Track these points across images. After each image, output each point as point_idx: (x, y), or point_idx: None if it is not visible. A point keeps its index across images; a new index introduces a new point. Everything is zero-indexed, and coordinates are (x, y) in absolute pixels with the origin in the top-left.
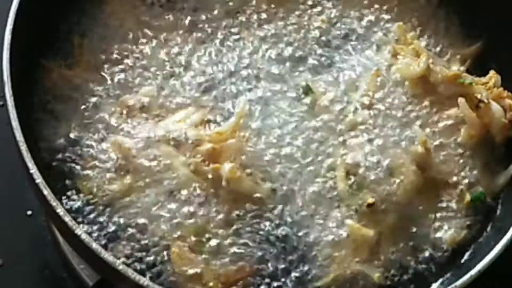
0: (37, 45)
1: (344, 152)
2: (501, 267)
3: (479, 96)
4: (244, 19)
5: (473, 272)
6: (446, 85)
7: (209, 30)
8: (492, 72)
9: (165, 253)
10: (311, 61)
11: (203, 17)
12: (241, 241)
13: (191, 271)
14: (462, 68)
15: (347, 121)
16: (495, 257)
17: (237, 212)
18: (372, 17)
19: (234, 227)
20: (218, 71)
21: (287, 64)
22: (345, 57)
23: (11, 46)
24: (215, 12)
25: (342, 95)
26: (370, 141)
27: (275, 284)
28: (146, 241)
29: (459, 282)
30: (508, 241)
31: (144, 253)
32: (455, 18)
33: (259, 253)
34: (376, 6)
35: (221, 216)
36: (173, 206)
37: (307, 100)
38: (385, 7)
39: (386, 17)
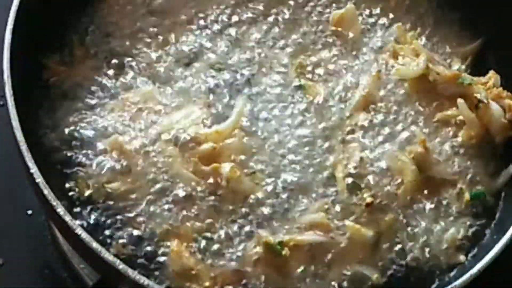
0: (38, 44)
1: (344, 152)
2: (501, 266)
3: (478, 96)
4: (244, 19)
5: (473, 271)
6: (446, 85)
7: (210, 29)
8: (491, 72)
9: (163, 252)
10: (311, 62)
11: (204, 15)
12: (240, 242)
13: (188, 271)
14: (463, 67)
15: (347, 122)
16: (495, 256)
17: (236, 213)
18: (372, 18)
19: (233, 227)
20: (218, 70)
21: (287, 65)
22: (345, 57)
23: (11, 46)
24: (216, 11)
25: (342, 95)
26: (369, 141)
27: None
28: (145, 240)
29: (459, 282)
30: (508, 241)
31: (143, 252)
32: (454, 17)
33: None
34: (376, 6)
35: (220, 216)
36: (172, 205)
37: (307, 100)
38: (384, 8)
39: (386, 17)
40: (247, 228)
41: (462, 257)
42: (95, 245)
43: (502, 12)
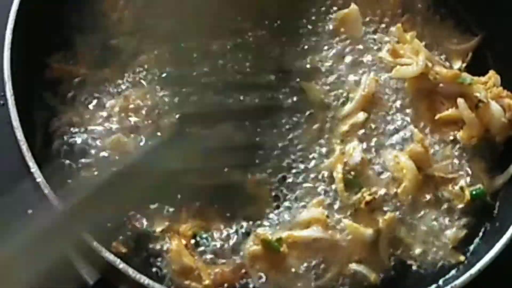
0: (38, 43)
1: (343, 152)
2: (500, 266)
3: (478, 96)
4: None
5: (473, 271)
6: (446, 84)
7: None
8: (491, 72)
9: (163, 250)
10: (312, 62)
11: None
12: (238, 239)
13: (188, 269)
14: (463, 65)
15: (347, 121)
16: (495, 256)
17: (235, 211)
18: (372, 18)
19: (232, 225)
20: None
21: (287, 67)
22: (346, 58)
23: (12, 45)
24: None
25: (343, 95)
26: (369, 140)
27: None
28: (146, 239)
29: (459, 281)
30: (508, 240)
31: (143, 251)
32: (452, 15)
33: None
34: (375, 7)
35: (219, 214)
36: (172, 204)
37: (306, 102)
38: (384, 8)
39: (386, 17)
40: (245, 226)
41: (462, 257)
42: (95, 244)
43: (500, 10)
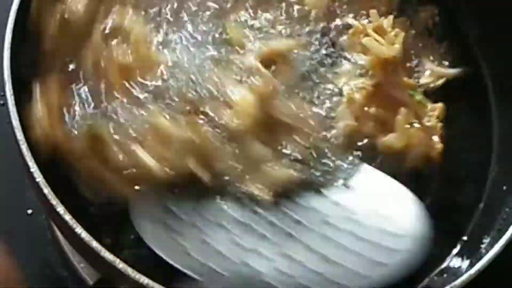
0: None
1: None
2: (500, 266)
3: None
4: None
5: (472, 271)
6: (397, 88)
7: None
8: (441, 105)
9: None
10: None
11: None
12: None
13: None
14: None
15: None
16: (494, 256)
17: None
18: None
19: None
20: None
21: None
22: None
23: (11, 45)
24: None
25: None
26: None
27: None
28: None
29: (458, 281)
30: (508, 241)
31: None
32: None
33: None
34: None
35: None
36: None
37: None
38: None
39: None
40: None
41: (461, 256)
42: (95, 244)
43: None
